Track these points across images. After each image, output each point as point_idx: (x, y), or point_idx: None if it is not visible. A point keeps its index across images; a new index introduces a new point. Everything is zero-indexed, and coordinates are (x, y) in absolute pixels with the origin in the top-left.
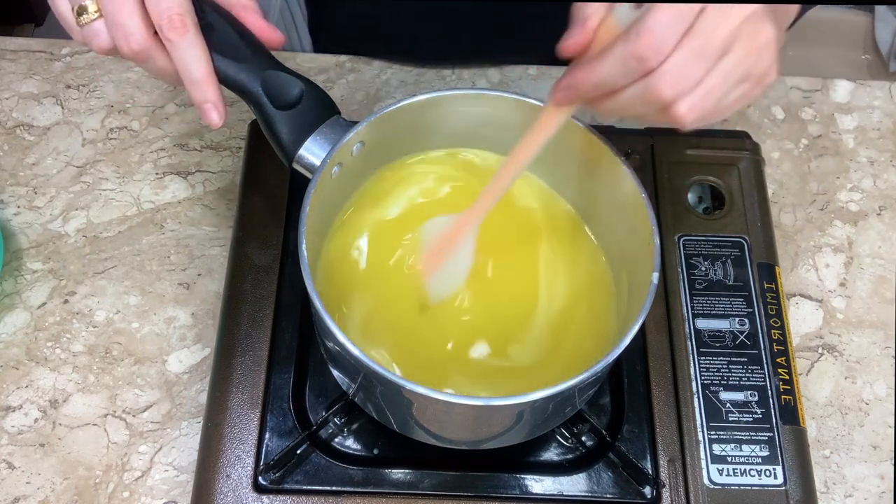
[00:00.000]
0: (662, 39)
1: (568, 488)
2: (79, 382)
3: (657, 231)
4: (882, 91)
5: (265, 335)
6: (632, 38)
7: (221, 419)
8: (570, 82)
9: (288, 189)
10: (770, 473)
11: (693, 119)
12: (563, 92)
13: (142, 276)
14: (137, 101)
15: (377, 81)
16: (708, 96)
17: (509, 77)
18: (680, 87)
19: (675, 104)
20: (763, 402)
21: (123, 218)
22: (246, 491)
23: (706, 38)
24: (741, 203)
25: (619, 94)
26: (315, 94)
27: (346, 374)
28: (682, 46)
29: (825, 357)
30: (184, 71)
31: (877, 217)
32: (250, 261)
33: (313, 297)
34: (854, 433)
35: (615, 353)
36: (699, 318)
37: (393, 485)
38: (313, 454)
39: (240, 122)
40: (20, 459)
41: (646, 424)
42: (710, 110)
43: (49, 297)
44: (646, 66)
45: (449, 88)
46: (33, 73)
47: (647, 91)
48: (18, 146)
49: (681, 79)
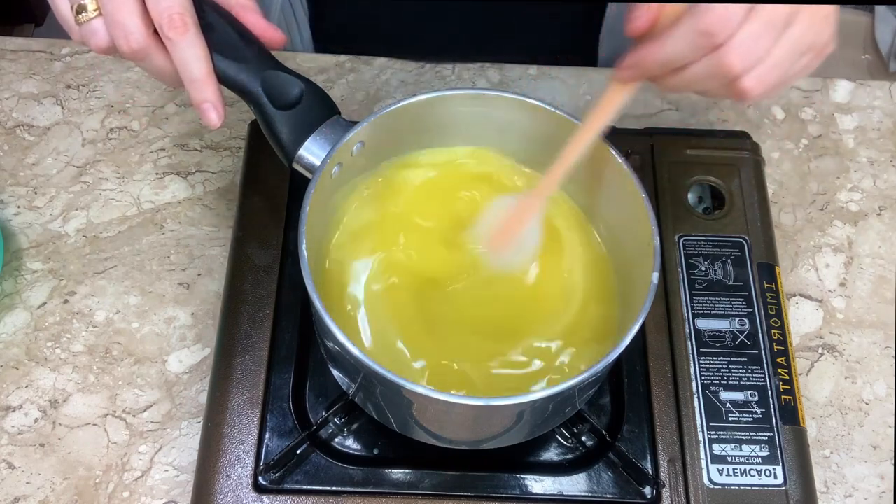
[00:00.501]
0: (731, 13)
1: (568, 488)
2: (79, 382)
3: (657, 231)
4: (882, 91)
5: (265, 335)
6: (699, 14)
7: (221, 419)
8: (637, 60)
9: (288, 189)
10: (770, 473)
11: (760, 92)
12: (630, 70)
13: (142, 276)
14: (137, 101)
15: (377, 81)
16: (775, 68)
17: (509, 77)
18: (749, 60)
19: (743, 77)
20: (763, 402)
21: (123, 218)
22: (246, 491)
23: (772, 10)
24: (741, 203)
25: (686, 70)
26: (315, 94)
27: (346, 374)
28: (749, 20)
29: (825, 357)
30: (183, 70)
31: (877, 217)
32: (250, 261)
33: (313, 297)
34: (854, 433)
35: (615, 353)
36: (699, 318)
37: (393, 485)
38: (313, 454)
39: (240, 122)
40: (20, 459)
41: (646, 424)
42: (777, 82)
43: (49, 297)
44: (715, 41)
45: (449, 88)
46: (33, 73)
47: (716, 66)
48: (18, 146)
49: (750, 52)
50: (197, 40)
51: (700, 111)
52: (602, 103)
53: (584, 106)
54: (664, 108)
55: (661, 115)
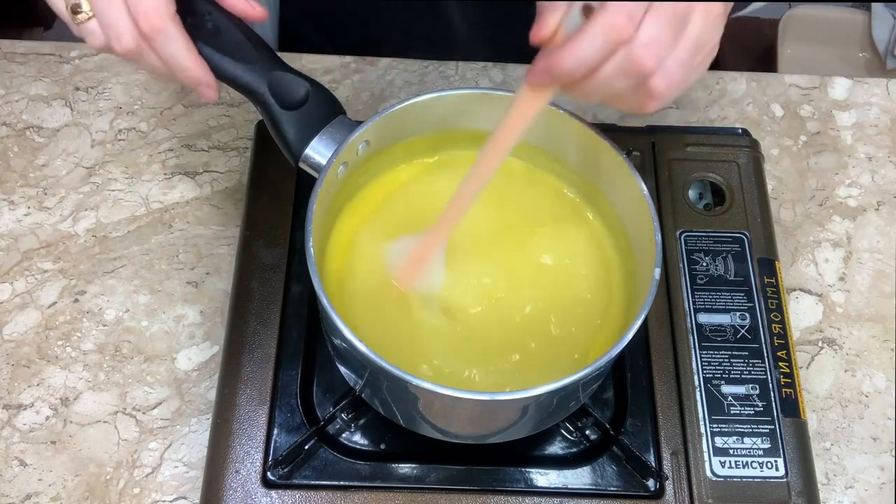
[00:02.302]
0: (632, 8)
1: (572, 481)
2: (89, 380)
3: (658, 227)
4: (879, 88)
5: (273, 332)
6: (603, 13)
7: (230, 416)
8: (548, 64)
9: (294, 188)
10: (772, 465)
11: (666, 92)
12: (540, 75)
13: (151, 275)
14: (145, 102)
15: (382, 81)
16: (680, 66)
17: (512, 77)
18: (657, 55)
19: (654, 76)
20: (764, 396)
21: (132, 218)
22: (255, 486)
23: (670, 7)
24: (741, 199)
25: (598, 72)
26: (321, 94)
27: (353, 370)
28: (650, 14)
29: (825, 350)
30: (171, 64)
31: (875, 212)
32: (258, 259)
33: (320, 294)
34: (854, 425)
35: (618, 348)
36: (700, 312)
37: (400, 479)
38: (321, 449)
39: (247, 122)
40: (32, 457)
41: (649, 418)
42: (681, 81)
43: (59, 297)
44: (623, 35)
45: (453, 88)
46: (42, 76)
47: (627, 62)
48: (28, 148)
49: (656, 46)
50: (176, 33)
51: (700, 109)
52: (514, 113)
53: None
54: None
55: (662, 113)
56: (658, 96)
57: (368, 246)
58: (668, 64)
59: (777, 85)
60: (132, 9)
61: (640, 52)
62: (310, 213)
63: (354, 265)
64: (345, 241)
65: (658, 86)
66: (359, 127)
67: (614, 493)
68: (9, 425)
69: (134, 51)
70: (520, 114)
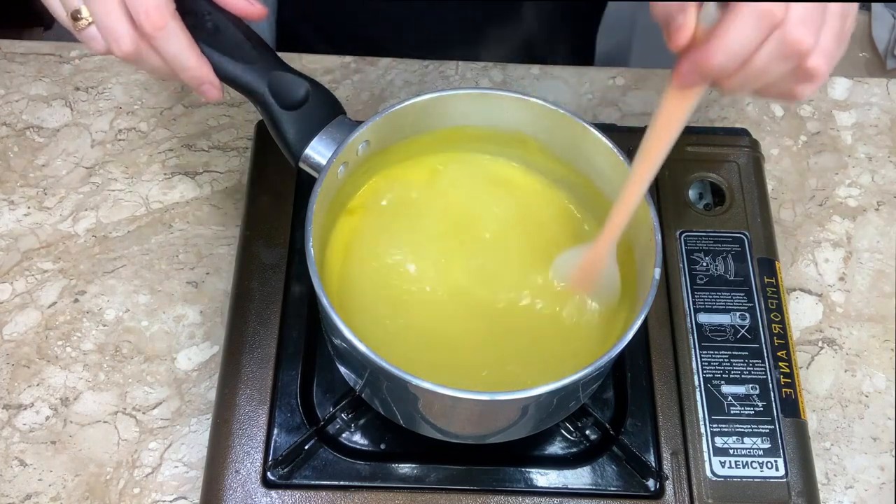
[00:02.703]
0: None
1: (572, 481)
2: (89, 380)
3: (658, 227)
4: (879, 88)
5: (273, 332)
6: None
7: (230, 416)
8: (696, 62)
9: (294, 188)
10: (772, 465)
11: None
12: (689, 75)
13: (151, 275)
14: (145, 102)
15: (382, 81)
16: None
17: (512, 77)
18: (813, 30)
19: (812, 54)
20: (764, 396)
21: (132, 218)
22: (255, 486)
23: None
24: (741, 199)
25: (752, 60)
26: (321, 94)
27: (353, 370)
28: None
29: (825, 350)
30: (173, 63)
31: (875, 212)
32: (258, 259)
33: (320, 294)
34: (854, 425)
35: (618, 348)
36: (700, 312)
37: (400, 479)
38: (321, 449)
39: (247, 122)
40: (32, 457)
41: (649, 418)
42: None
43: (59, 297)
44: (775, 17)
45: (453, 88)
46: (42, 76)
47: (784, 44)
48: (28, 148)
49: (812, 22)
50: (178, 31)
51: (700, 109)
52: (663, 118)
53: (585, 104)
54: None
55: None
56: (818, 75)
57: (368, 246)
58: (823, 39)
59: None
60: (132, 9)
61: (796, 32)
62: (310, 213)
63: (354, 265)
64: (345, 241)
65: (818, 64)
66: (359, 127)
67: (614, 493)
68: (9, 425)
69: (133, 54)
70: (670, 117)
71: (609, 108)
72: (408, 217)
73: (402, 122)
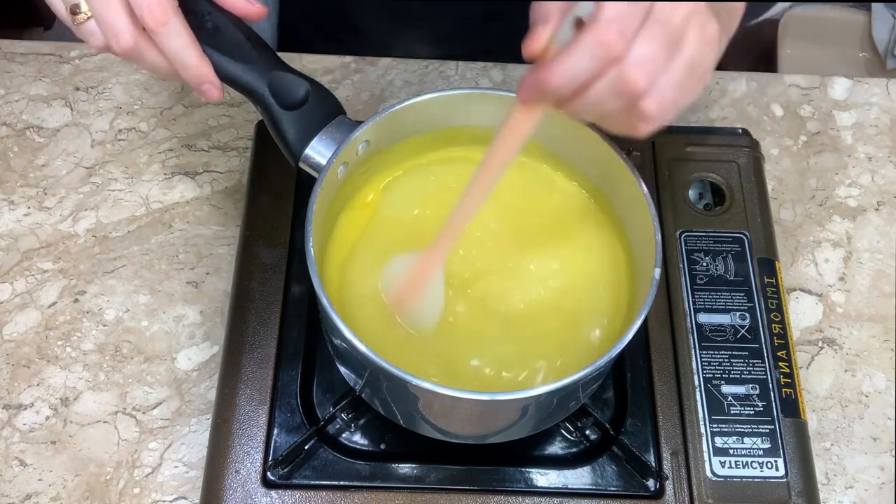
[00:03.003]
0: (624, 24)
1: (572, 481)
2: (89, 380)
3: (658, 227)
4: (879, 88)
5: (273, 332)
6: (594, 28)
7: (230, 416)
8: (538, 79)
9: (294, 188)
10: (772, 465)
11: (658, 114)
12: (529, 90)
13: (151, 275)
14: (145, 102)
15: (382, 82)
16: (673, 88)
17: (512, 77)
18: (650, 75)
19: (646, 97)
20: (764, 396)
21: (132, 218)
22: (255, 486)
23: (664, 25)
24: (741, 199)
25: (588, 90)
26: (321, 94)
27: (353, 370)
28: (643, 33)
29: (825, 350)
30: (175, 60)
31: (875, 212)
32: (258, 259)
33: (320, 294)
34: (854, 425)
35: (618, 348)
36: (701, 312)
37: (400, 479)
38: (321, 449)
39: (247, 122)
40: (32, 457)
41: (649, 418)
42: (672, 104)
43: (59, 297)
44: (613, 52)
45: (453, 88)
46: (42, 76)
47: (619, 81)
48: (28, 148)
49: (650, 65)
50: (181, 28)
51: (700, 109)
52: (507, 130)
53: None
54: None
55: None
56: (650, 118)
57: (368, 246)
58: (661, 85)
59: (777, 85)
60: (135, 4)
61: (631, 72)
62: (310, 213)
63: (354, 265)
64: (345, 240)
65: (650, 108)
66: (359, 127)
67: (614, 493)
68: (9, 425)
69: (133, 49)
70: (513, 131)
71: None
72: (408, 217)
73: (402, 122)
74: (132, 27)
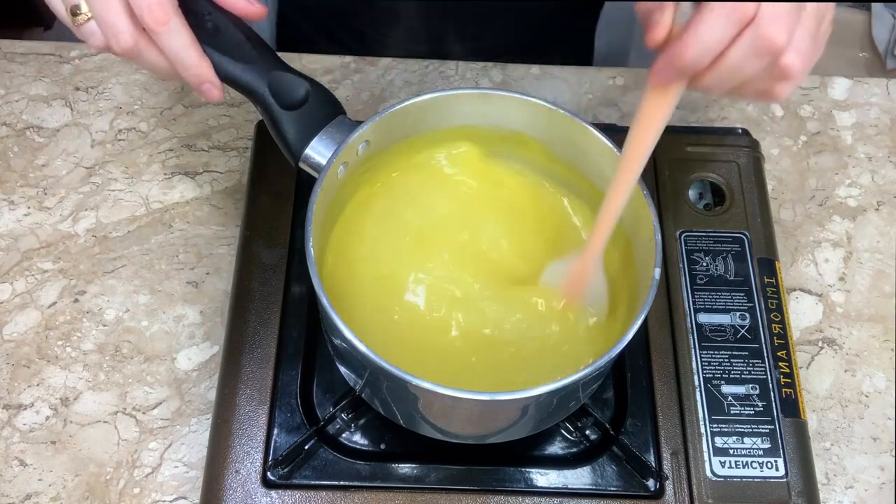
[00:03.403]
0: None
1: (572, 481)
2: (89, 380)
3: (658, 227)
4: (879, 88)
5: (273, 332)
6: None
7: (230, 416)
8: (669, 58)
9: (294, 188)
10: (772, 465)
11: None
12: (664, 72)
13: (151, 275)
14: (145, 102)
15: (382, 82)
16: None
17: (512, 77)
18: (788, 27)
19: (786, 51)
20: (764, 396)
21: (132, 218)
22: (255, 486)
23: None
24: (741, 199)
25: (725, 56)
26: (321, 94)
27: (353, 370)
28: None
29: (825, 350)
30: (175, 59)
31: (875, 212)
32: (258, 259)
33: (320, 294)
34: (854, 425)
35: (618, 348)
36: (700, 312)
37: (400, 479)
38: (321, 449)
39: (247, 122)
40: (32, 457)
41: (649, 418)
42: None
43: (59, 297)
44: (745, 14)
45: (453, 88)
46: (42, 76)
47: (757, 39)
48: (28, 148)
49: (785, 18)
50: (181, 28)
51: (700, 109)
52: (642, 120)
53: (585, 104)
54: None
55: None
56: (793, 73)
57: (369, 245)
58: (798, 37)
59: None
60: (135, 4)
61: (769, 28)
62: (310, 213)
63: (355, 265)
64: (345, 240)
65: (792, 62)
66: (359, 127)
67: (614, 493)
68: (9, 425)
69: (133, 49)
70: (648, 119)
71: (609, 108)
72: (408, 217)
73: (402, 122)
74: (132, 27)
